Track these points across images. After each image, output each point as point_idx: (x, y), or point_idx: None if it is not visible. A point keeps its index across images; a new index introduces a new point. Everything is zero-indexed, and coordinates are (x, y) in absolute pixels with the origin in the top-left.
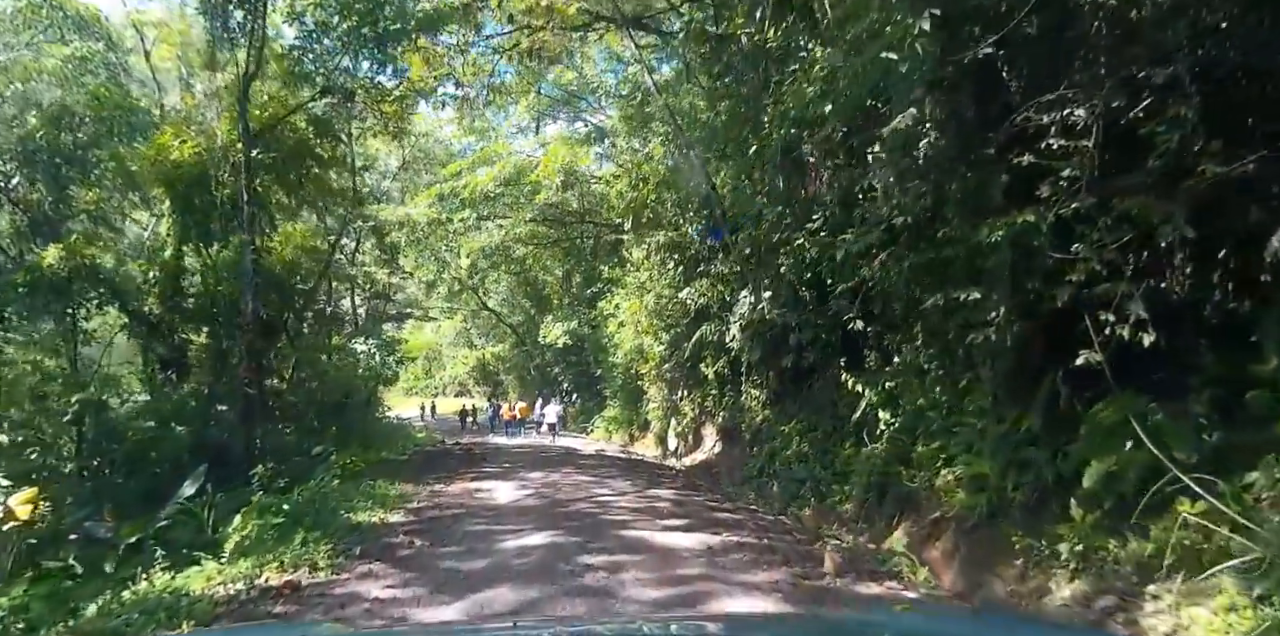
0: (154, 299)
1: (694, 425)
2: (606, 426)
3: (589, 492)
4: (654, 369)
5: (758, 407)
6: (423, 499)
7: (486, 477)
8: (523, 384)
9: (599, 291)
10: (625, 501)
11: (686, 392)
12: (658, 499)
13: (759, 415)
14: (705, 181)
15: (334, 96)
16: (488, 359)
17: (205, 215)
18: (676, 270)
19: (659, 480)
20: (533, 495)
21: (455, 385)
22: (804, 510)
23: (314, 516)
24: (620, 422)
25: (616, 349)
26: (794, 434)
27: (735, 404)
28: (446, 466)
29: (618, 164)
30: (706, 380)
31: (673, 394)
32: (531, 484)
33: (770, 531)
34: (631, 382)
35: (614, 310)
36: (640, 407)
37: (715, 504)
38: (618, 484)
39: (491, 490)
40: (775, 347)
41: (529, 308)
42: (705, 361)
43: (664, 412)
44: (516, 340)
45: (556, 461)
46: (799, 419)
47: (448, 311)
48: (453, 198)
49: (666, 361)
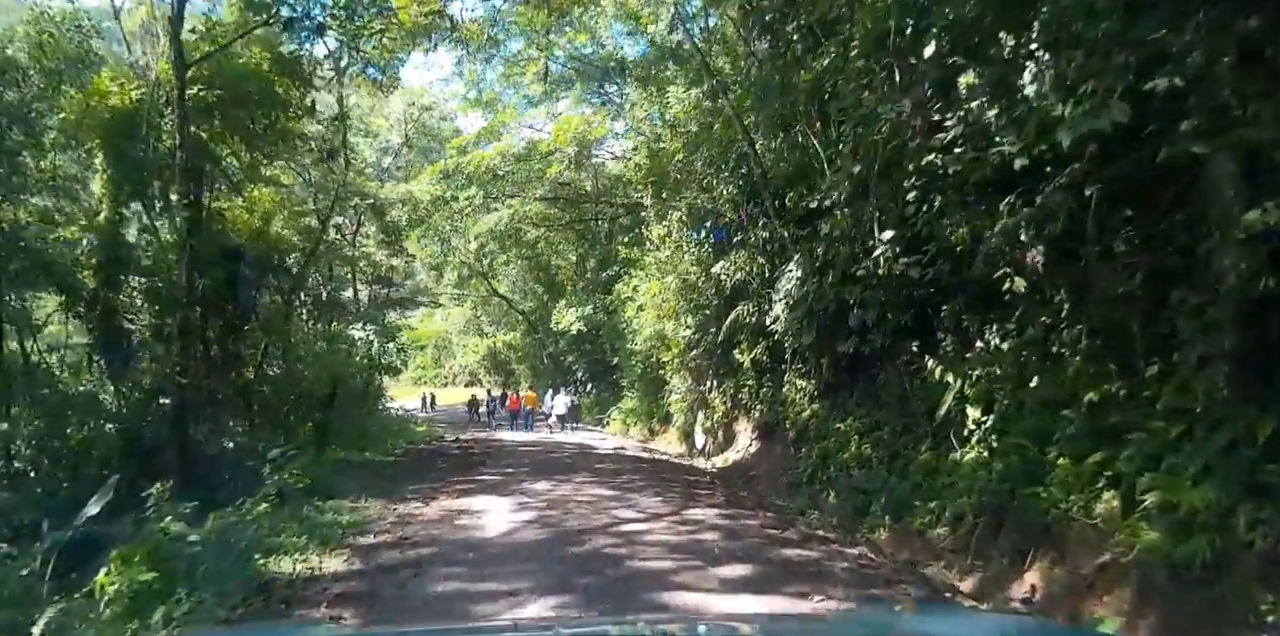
0: (89, 272)
1: (725, 420)
2: (624, 419)
3: (610, 517)
4: (677, 356)
5: (804, 401)
6: (385, 528)
7: (479, 490)
8: (535, 373)
9: (615, 275)
10: (660, 531)
11: (716, 383)
12: (701, 526)
13: (805, 409)
14: (742, 135)
15: (300, 30)
16: (499, 347)
17: (139, 169)
18: (707, 242)
19: (694, 492)
20: (535, 522)
21: (465, 374)
22: (877, 532)
23: (213, 564)
24: (639, 415)
25: (635, 335)
26: (851, 432)
27: (776, 396)
28: (434, 472)
29: (635, 130)
30: (741, 369)
31: (699, 384)
32: (535, 501)
33: (869, 580)
34: (651, 372)
35: (632, 293)
36: (661, 399)
37: (774, 530)
38: (646, 500)
39: (481, 513)
40: (831, 329)
41: (541, 293)
42: (740, 347)
43: (689, 405)
44: (528, 327)
45: (568, 465)
46: (858, 415)
47: (457, 298)
48: (458, 175)
49: (693, 348)
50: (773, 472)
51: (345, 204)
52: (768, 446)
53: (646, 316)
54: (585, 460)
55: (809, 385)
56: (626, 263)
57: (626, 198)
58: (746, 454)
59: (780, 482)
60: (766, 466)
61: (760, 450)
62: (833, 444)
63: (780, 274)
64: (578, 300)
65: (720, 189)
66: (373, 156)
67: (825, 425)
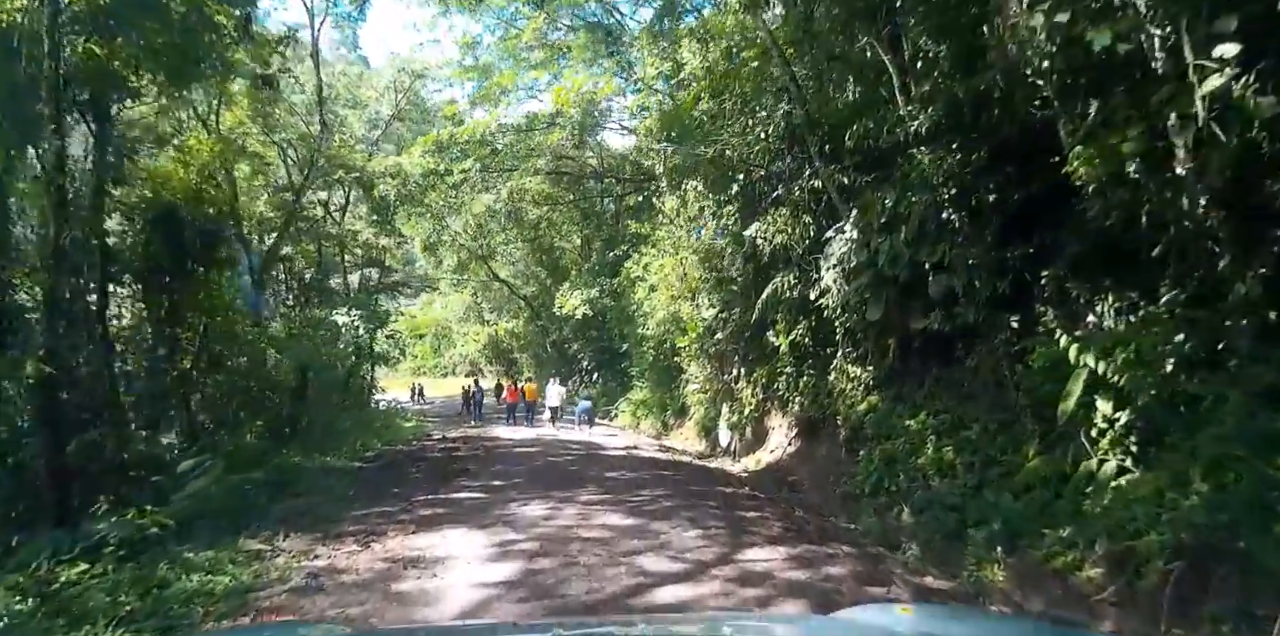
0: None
1: (755, 414)
2: (633, 411)
3: (633, 570)
4: (695, 341)
5: (858, 391)
6: (273, 603)
7: (449, 518)
8: (539, 362)
9: (622, 255)
10: (713, 597)
11: (745, 371)
12: (773, 585)
13: (860, 402)
14: (781, 67)
15: None
16: (501, 335)
17: (18, 98)
18: (734, 198)
19: (739, 515)
20: (518, 584)
21: (466, 364)
22: (989, 569)
23: None
24: (650, 407)
25: (646, 318)
26: (926, 431)
27: (821, 386)
28: (402, 485)
29: (648, 86)
30: (777, 354)
31: (723, 373)
32: (523, 538)
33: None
34: (665, 359)
35: (642, 271)
36: (676, 390)
37: (878, 587)
38: (680, 535)
39: (440, 564)
40: (902, 302)
41: (544, 278)
42: (776, 327)
43: (710, 397)
44: (531, 314)
45: (571, 474)
46: (932, 409)
47: (456, 284)
48: (453, 146)
49: (715, 331)
50: (819, 478)
51: (329, 177)
52: (810, 446)
53: (659, 297)
54: (593, 465)
55: (865, 372)
56: (635, 239)
57: (637, 172)
58: (783, 454)
59: (832, 492)
60: (810, 470)
61: (801, 450)
62: (900, 445)
63: (831, 236)
64: (583, 282)
65: (755, 133)
66: (361, 130)
67: (888, 421)
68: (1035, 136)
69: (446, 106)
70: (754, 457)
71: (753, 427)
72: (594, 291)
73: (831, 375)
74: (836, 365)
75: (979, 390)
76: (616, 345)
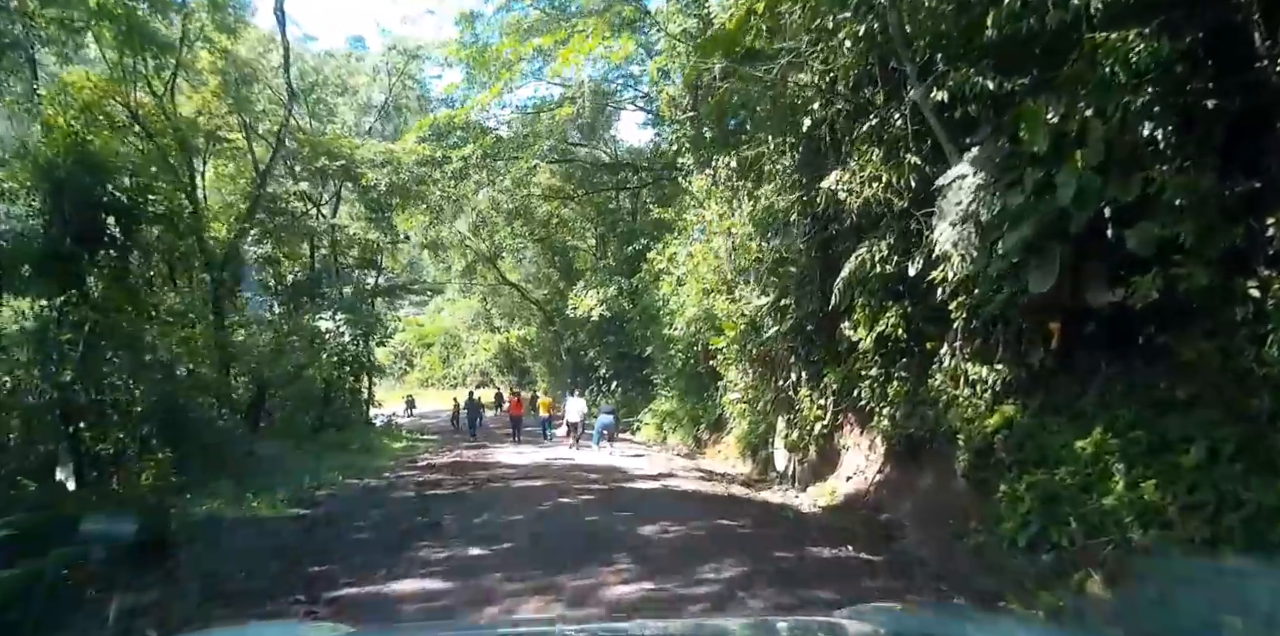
0: None
1: (823, 429)
2: (659, 424)
3: None
4: (735, 341)
5: (982, 399)
6: None
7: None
8: (552, 371)
9: (642, 249)
10: None
11: (806, 375)
12: None
13: (989, 414)
14: None
15: None
16: (512, 343)
17: None
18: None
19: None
20: None
21: (476, 374)
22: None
23: None
24: (679, 420)
25: (673, 317)
26: (1107, 455)
27: (922, 392)
28: (319, 563)
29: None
30: (854, 352)
31: (775, 377)
32: None
33: None
34: (696, 364)
35: (667, 263)
36: (709, 399)
37: None
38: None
39: None
40: (1076, 267)
41: (556, 280)
42: (855, 316)
43: (762, 407)
44: (544, 320)
45: (591, 535)
46: (1113, 422)
47: (465, 289)
48: (451, 130)
49: (766, 325)
50: (927, 519)
51: (311, 166)
52: (906, 473)
53: (688, 292)
54: (621, 511)
55: (993, 373)
56: (657, 230)
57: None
58: (865, 483)
59: (957, 542)
60: (912, 508)
61: (892, 478)
62: (1065, 476)
63: (949, 181)
64: (599, 280)
65: (831, 46)
66: (352, 118)
67: (1036, 441)
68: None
69: (446, 88)
70: (824, 487)
71: (818, 447)
72: (611, 290)
73: (937, 378)
74: (947, 364)
75: (1198, 393)
76: (637, 350)
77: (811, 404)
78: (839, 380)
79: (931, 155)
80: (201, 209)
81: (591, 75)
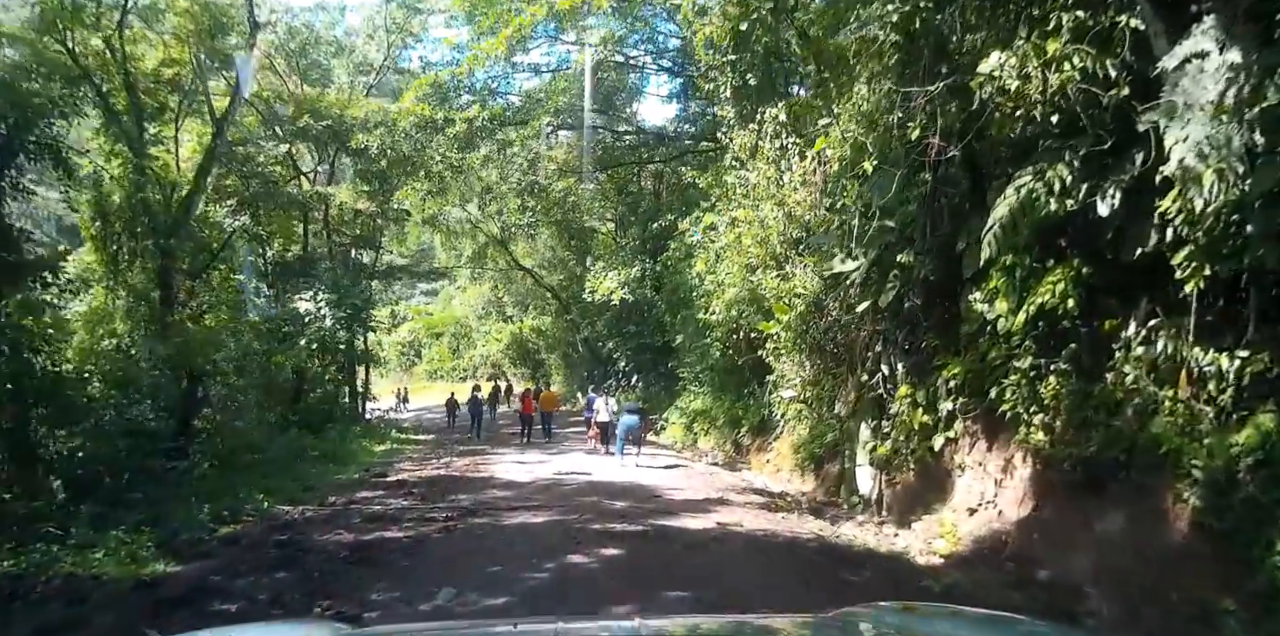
0: None
1: (929, 442)
2: (687, 424)
3: None
4: (793, 326)
5: (1214, 406)
6: None
7: None
8: (568, 364)
9: (668, 226)
10: None
11: (905, 368)
12: None
13: (1234, 427)
14: None
15: None
16: (525, 333)
17: None
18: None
19: None
20: None
21: (487, 366)
22: None
23: None
24: (712, 420)
25: (710, 298)
26: None
27: (1102, 392)
28: None
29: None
30: (987, 335)
31: (856, 371)
32: None
33: None
34: (737, 355)
35: (703, 234)
36: (753, 397)
37: None
38: None
39: None
40: None
41: (572, 265)
42: (994, 282)
43: (828, 409)
44: (559, 308)
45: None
46: None
47: (475, 276)
48: (455, 91)
49: (823, 309)
50: (1126, 585)
51: (292, 124)
52: (1081, 511)
53: (728, 269)
54: (671, 598)
55: (1231, 365)
56: (686, 203)
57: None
58: (1001, 520)
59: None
60: (1093, 566)
61: (1053, 517)
62: None
63: (1191, 56)
64: (620, 260)
65: None
66: (347, 77)
67: None
68: None
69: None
70: (934, 522)
71: (920, 466)
72: (634, 271)
73: (1128, 371)
74: (1151, 351)
75: None
76: (661, 340)
77: (915, 407)
78: (962, 375)
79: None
80: (147, 164)
81: (613, 27)
